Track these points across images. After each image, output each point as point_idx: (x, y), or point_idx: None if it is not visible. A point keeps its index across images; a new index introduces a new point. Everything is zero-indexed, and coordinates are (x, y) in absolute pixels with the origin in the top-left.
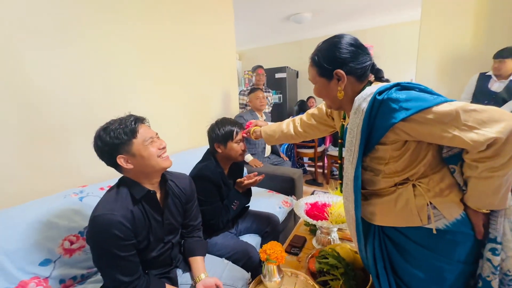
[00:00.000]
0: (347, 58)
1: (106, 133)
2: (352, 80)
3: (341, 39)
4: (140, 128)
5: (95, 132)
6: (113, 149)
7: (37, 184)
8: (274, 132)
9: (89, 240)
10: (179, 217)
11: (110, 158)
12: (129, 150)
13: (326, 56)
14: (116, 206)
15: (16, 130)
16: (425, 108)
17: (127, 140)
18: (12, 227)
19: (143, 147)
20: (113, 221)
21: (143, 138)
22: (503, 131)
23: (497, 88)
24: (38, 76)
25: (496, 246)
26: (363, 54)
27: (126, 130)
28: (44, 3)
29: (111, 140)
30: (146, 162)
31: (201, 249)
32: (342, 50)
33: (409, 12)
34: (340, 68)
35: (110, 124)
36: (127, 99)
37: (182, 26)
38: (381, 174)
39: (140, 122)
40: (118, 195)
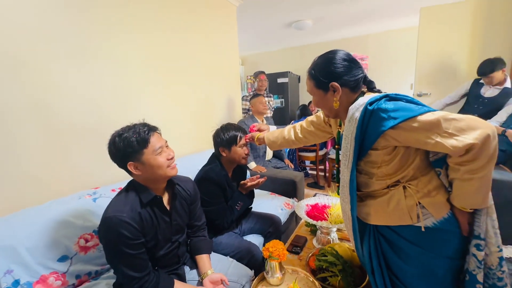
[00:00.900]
0: (341, 72)
1: (120, 139)
2: (346, 91)
3: (335, 54)
4: (152, 138)
5: (109, 136)
6: (125, 156)
7: (52, 186)
8: (277, 139)
9: (101, 239)
10: (186, 217)
11: (121, 163)
12: (139, 159)
13: (322, 70)
14: (125, 208)
15: (34, 134)
16: (411, 117)
17: (138, 149)
18: (33, 225)
19: (153, 157)
20: (122, 222)
21: (153, 148)
22: (479, 137)
23: (490, 94)
24: (56, 82)
25: (480, 242)
26: (356, 67)
27: (139, 139)
28: (64, 17)
29: (124, 147)
30: (155, 171)
31: (206, 247)
32: (337, 64)
33: (408, 18)
34: (335, 81)
35: (125, 131)
36: (136, 104)
37: (188, 34)
38: (374, 177)
39: (153, 132)
40: (127, 198)
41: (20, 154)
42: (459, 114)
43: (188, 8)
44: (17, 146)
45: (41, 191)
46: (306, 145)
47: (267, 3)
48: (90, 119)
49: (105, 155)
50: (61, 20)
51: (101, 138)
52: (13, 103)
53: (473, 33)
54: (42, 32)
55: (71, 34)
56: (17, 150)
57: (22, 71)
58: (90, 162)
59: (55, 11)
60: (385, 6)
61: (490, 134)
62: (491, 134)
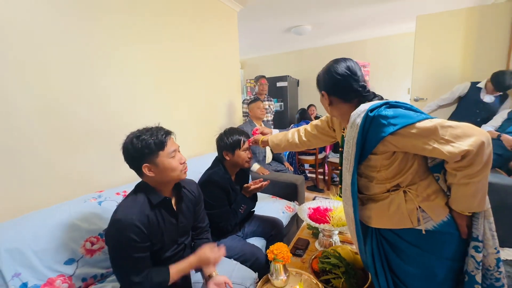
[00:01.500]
0: (328, 83)
1: (138, 141)
2: (337, 100)
3: (331, 66)
4: (168, 141)
5: (114, 139)
6: (141, 157)
7: (58, 189)
8: (281, 141)
9: (108, 241)
10: (191, 219)
11: (136, 164)
12: (155, 160)
13: (319, 76)
14: (134, 211)
15: (41, 138)
16: (409, 124)
17: (155, 151)
18: (40, 228)
19: (167, 160)
20: (131, 225)
21: (169, 151)
22: (473, 144)
23: (489, 100)
24: (63, 87)
25: (478, 244)
26: (350, 81)
27: (156, 142)
28: (75, 24)
29: (142, 148)
30: (168, 173)
31: None
32: (331, 76)
33: (405, 24)
34: (324, 90)
35: (142, 133)
36: (141, 109)
37: (190, 39)
38: (374, 180)
39: (169, 135)
40: (136, 201)
41: (27, 157)
42: (456, 121)
43: (191, 14)
44: (24, 149)
45: (47, 194)
46: (309, 148)
47: (267, 8)
48: (95, 124)
49: (109, 158)
50: (72, 27)
51: (106, 142)
52: (21, 107)
53: (466, 40)
54: (53, 38)
55: (82, 40)
56: (24, 154)
57: (31, 76)
58: (95, 165)
59: (67, 18)
60: (382, 13)
61: (484, 141)
62: (485, 141)
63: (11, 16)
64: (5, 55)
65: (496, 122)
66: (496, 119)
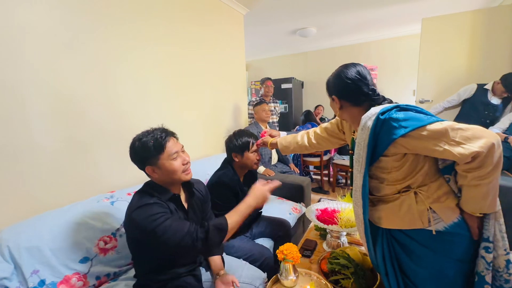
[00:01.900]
0: (340, 87)
1: (139, 144)
2: (347, 104)
3: (341, 71)
4: (168, 143)
5: (125, 141)
6: (142, 159)
7: (72, 189)
8: (290, 144)
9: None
10: (200, 216)
11: (139, 165)
12: (156, 163)
13: (330, 81)
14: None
15: (55, 140)
16: (420, 126)
17: (154, 154)
18: (56, 227)
19: (168, 162)
20: (148, 204)
21: (169, 153)
22: (484, 146)
23: (496, 101)
24: (76, 91)
25: (489, 244)
26: (360, 85)
27: (155, 145)
28: (88, 30)
29: (141, 152)
30: (170, 175)
31: (218, 248)
32: (341, 80)
33: (410, 26)
34: (335, 94)
35: (144, 136)
36: (151, 111)
37: (198, 42)
38: (385, 182)
39: (170, 137)
40: (147, 196)
41: (43, 159)
42: (465, 124)
43: (198, 19)
44: (39, 151)
45: (62, 194)
46: (318, 151)
47: (273, 12)
48: (107, 125)
49: (121, 159)
50: (85, 32)
51: (117, 143)
52: (36, 111)
53: (472, 42)
54: (66, 41)
55: (94, 48)
56: (40, 156)
57: (45, 79)
58: (107, 166)
59: (80, 23)
60: (388, 15)
61: (494, 143)
62: (495, 143)
63: (28, 21)
64: (20, 58)
65: (504, 124)
66: (504, 121)
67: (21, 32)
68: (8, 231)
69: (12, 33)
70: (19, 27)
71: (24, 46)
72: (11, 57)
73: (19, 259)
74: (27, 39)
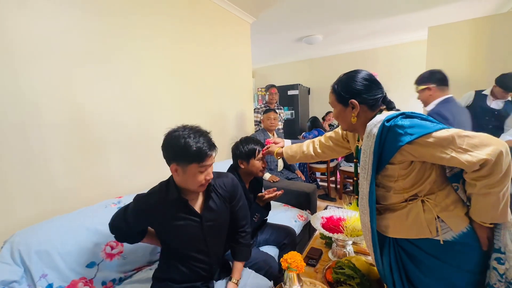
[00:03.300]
0: (360, 90)
1: (184, 141)
2: (364, 109)
3: (358, 74)
4: (208, 157)
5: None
6: (177, 156)
7: (80, 195)
8: (296, 153)
9: None
10: (225, 217)
11: (166, 159)
12: (185, 166)
13: (344, 86)
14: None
15: (64, 147)
16: (426, 134)
17: (190, 161)
18: (65, 232)
19: (195, 172)
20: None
21: (202, 166)
22: (492, 153)
23: (496, 106)
24: (83, 100)
25: (501, 255)
26: (376, 88)
27: (197, 152)
28: (93, 38)
29: (179, 150)
30: (188, 182)
31: (242, 255)
32: (357, 83)
33: (416, 33)
34: (354, 98)
35: (190, 136)
36: (158, 118)
37: (206, 50)
38: (392, 190)
39: (213, 151)
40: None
41: (51, 165)
42: (472, 131)
43: (206, 27)
44: (48, 158)
45: (71, 200)
46: (324, 160)
47: (279, 20)
48: (116, 134)
49: (128, 165)
50: (97, 46)
51: (125, 149)
52: (49, 119)
53: (477, 49)
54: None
55: (101, 55)
56: (49, 162)
57: (58, 88)
58: (115, 172)
59: (93, 37)
60: (394, 24)
61: (502, 151)
62: (503, 150)
63: (46, 36)
64: (36, 68)
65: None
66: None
67: (40, 47)
68: (21, 234)
69: (31, 45)
70: (39, 42)
71: (41, 59)
72: (28, 66)
73: (29, 263)
74: (44, 50)
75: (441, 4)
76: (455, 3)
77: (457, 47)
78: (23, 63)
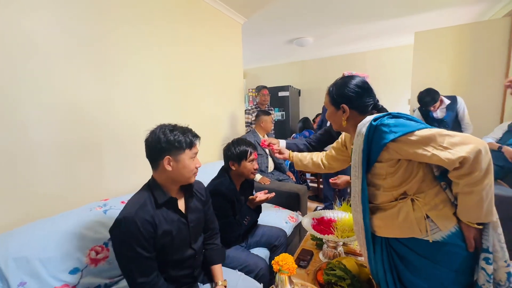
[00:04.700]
0: (352, 96)
1: (172, 133)
2: (355, 114)
3: (352, 80)
4: (196, 143)
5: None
6: (168, 148)
7: (63, 198)
8: (304, 158)
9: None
10: (202, 219)
11: (157, 154)
12: (178, 156)
13: (337, 90)
14: (136, 208)
15: (45, 147)
16: (409, 132)
17: (183, 148)
18: (46, 237)
19: (188, 160)
20: (131, 222)
21: (193, 152)
22: (470, 151)
23: (440, 115)
24: (67, 100)
25: (489, 255)
26: (367, 96)
27: (187, 140)
28: (84, 37)
29: (173, 141)
30: (183, 172)
31: (219, 257)
32: (350, 89)
33: (405, 37)
34: (345, 103)
35: (175, 129)
36: (146, 119)
37: (197, 50)
38: (381, 189)
39: (198, 139)
40: (141, 198)
41: (33, 166)
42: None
43: (197, 27)
44: (30, 159)
45: (53, 203)
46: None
47: (271, 22)
48: (102, 134)
49: (116, 166)
50: (86, 43)
51: (113, 151)
52: (33, 117)
53: (460, 55)
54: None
55: (94, 57)
56: (31, 163)
57: (42, 85)
58: (101, 174)
59: (85, 34)
60: (383, 28)
61: (481, 149)
62: (482, 149)
63: (31, 30)
64: (21, 64)
65: (497, 134)
66: (496, 131)
67: (25, 39)
68: None
69: (15, 40)
70: (26, 40)
71: (26, 52)
72: (12, 62)
73: (6, 271)
74: (30, 46)
75: (427, 10)
76: (440, 9)
77: (441, 53)
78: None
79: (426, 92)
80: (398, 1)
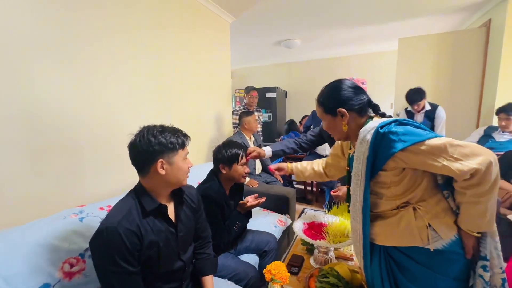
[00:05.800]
0: (346, 98)
1: (162, 134)
2: (354, 115)
3: (341, 83)
4: (187, 144)
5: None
6: (161, 151)
7: (34, 204)
8: (305, 170)
9: (93, 252)
10: (192, 228)
11: (148, 158)
12: (172, 158)
13: (329, 97)
14: (120, 217)
15: (22, 148)
16: (419, 141)
17: (176, 149)
18: (11, 250)
19: (182, 161)
20: (116, 233)
21: (185, 153)
22: (482, 163)
23: (420, 119)
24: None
25: (486, 263)
26: (360, 93)
27: (179, 141)
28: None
29: (165, 142)
30: (177, 174)
31: (210, 267)
32: (342, 91)
33: (390, 42)
34: (342, 107)
35: (165, 129)
36: (128, 120)
37: (185, 52)
38: (384, 197)
39: (188, 138)
40: (125, 207)
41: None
42: (464, 141)
43: (185, 25)
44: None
45: (22, 211)
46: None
47: (259, 22)
48: (78, 135)
49: (94, 170)
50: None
51: (90, 153)
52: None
53: (441, 61)
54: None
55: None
56: None
57: (11, 84)
58: (77, 178)
59: (64, 29)
60: (368, 33)
61: (492, 161)
62: (493, 160)
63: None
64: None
65: (474, 138)
66: (474, 136)
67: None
68: None
69: None
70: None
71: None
72: None
73: None
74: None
75: (412, 17)
76: (423, 17)
77: (423, 59)
78: None
79: (415, 89)
80: (384, 6)
